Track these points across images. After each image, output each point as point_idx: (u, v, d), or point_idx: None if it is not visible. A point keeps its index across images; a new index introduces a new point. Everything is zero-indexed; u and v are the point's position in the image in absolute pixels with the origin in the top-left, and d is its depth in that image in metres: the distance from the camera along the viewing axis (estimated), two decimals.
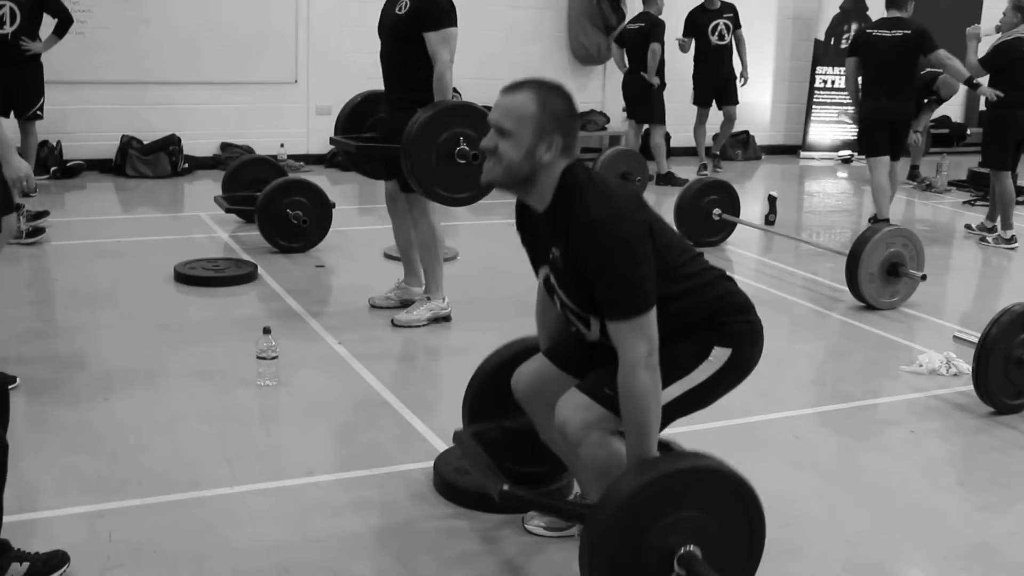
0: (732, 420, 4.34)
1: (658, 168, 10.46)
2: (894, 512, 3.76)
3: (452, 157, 4.97)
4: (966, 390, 4.87)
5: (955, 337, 5.35)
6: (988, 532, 3.66)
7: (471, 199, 5.18)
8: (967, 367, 4.94)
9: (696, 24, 10.76)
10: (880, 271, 6.23)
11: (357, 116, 6.05)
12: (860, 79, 8.22)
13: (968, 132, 13.72)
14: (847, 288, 6.32)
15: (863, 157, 8.66)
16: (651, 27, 10.13)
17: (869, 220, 8.67)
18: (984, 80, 8.23)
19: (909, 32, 7.88)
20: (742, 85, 10.94)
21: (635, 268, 2.70)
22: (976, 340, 4.72)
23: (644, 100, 10.28)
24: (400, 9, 5.25)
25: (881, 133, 8.12)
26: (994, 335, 4.60)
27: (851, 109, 9.09)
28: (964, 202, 10.20)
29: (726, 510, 2.78)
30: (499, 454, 3.31)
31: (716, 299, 2.96)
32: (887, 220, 8.11)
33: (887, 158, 8.18)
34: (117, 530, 3.38)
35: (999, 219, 8.46)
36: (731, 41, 10.83)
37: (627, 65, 10.41)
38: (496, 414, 3.49)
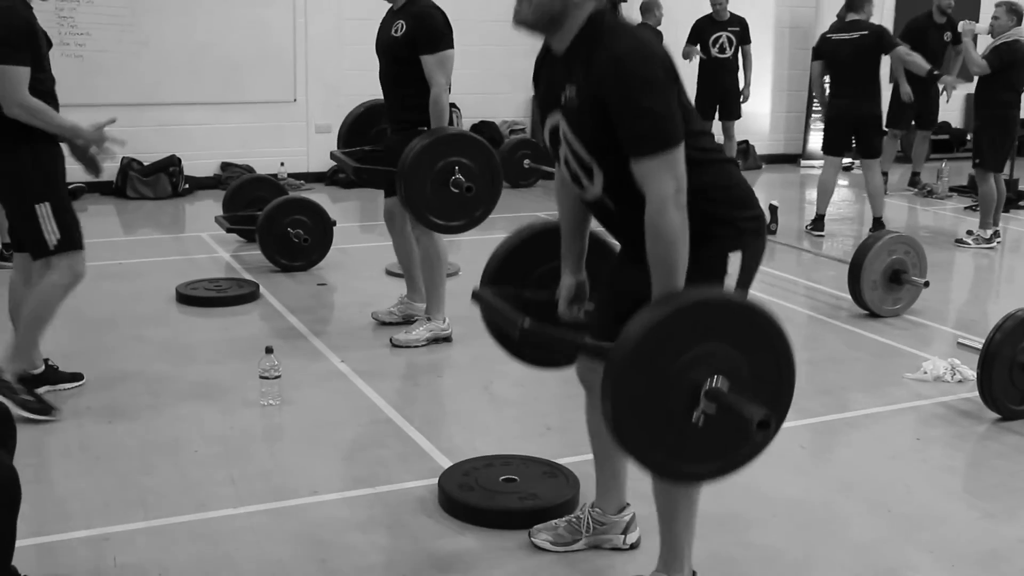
0: None
1: None
2: (901, 520, 3.75)
3: (447, 186, 5.00)
4: (971, 396, 4.86)
5: (959, 343, 5.35)
6: (996, 539, 3.65)
7: (465, 227, 5.21)
8: (972, 373, 4.93)
9: (700, 34, 10.75)
10: (882, 278, 6.22)
11: (360, 127, 6.07)
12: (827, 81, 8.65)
13: (968, 137, 13.71)
14: (850, 296, 6.32)
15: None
16: None
17: (807, 227, 8.85)
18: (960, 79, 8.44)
19: (866, 33, 8.29)
20: (742, 102, 10.96)
21: (664, 102, 2.63)
22: (980, 346, 4.71)
23: None
24: (396, 31, 5.24)
25: (842, 134, 8.59)
26: (998, 341, 4.59)
27: (821, 111, 9.43)
28: (966, 208, 10.18)
29: (752, 346, 2.63)
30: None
31: (729, 185, 2.91)
32: (822, 216, 8.78)
33: (839, 160, 8.73)
34: (122, 553, 3.37)
35: (989, 218, 8.55)
36: (734, 55, 10.82)
37: None
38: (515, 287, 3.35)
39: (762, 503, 3.83)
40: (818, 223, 8.83)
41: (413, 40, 5.16)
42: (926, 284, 6.24)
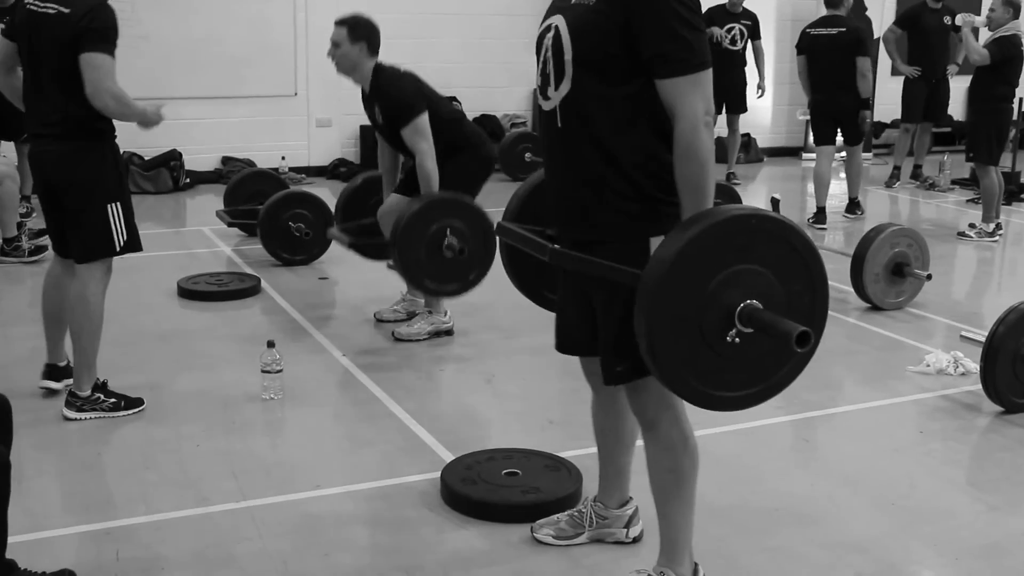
0: (741, 424, 4.32)
1: None
2: (904, 513, 3.74)
3: (440, 250, 5.06)
4: (974, 389, 4.85)
5: (962, 336, 5.33)
6: (999, 532, 3.64)
7: (460, 291, 5.25)
8: (975, 366, 4.92)
9: (712, 24, 10.70)
10: (885, 271, 6.21)
11: (357, 200, 6.13)
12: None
13: None
14: (852, 289, 6.31)
15: (868, 156, 8.93)
16: None
17: (809, 220, 8.89)
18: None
19: (844, 30, 8.65)
20: (759, 96, 10.96)
21: (699, 21, 2.63)
22: (983, 339, 4.70)
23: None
24: (379, 118, 5.40)
25: (826, 124, 8.93)
26: (1001, 333, 4.58)
27: (804, 111, 9.79)
28: (967, 200, 10.17)
29: (785, 264, 2.55)
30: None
31: (664, 159, 2.75)
32: (823, 209, 8.89)
33: (831, 148, 8.99)
34: (125, 548, 3.37)
35: (991, 212, 8.58)
36: (743, 49, 10.81)
37: None
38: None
39: (765, 497, 3.82)
40: (820, 216, 8.89)
41: (390, 120, 5.30)
42: (928, 277, 6.22)
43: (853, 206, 9.22)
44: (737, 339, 2.51)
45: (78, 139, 4.23)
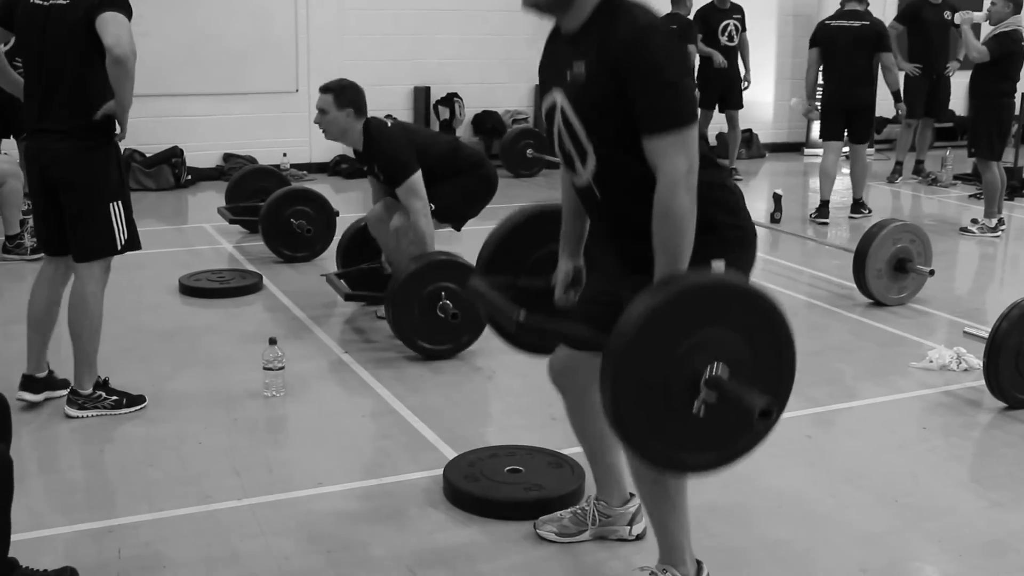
0: None
1: None
2: (907, 510, 3.73)
3: (434, 310, 5.09)
4: (977, 385, 4.85)
5: (965, 332, 5.32)
6: (1003, 529, 3.63)
7: (452, 352, 5.23)
8: (978, 362, 4.91)
9: (707, 23, 10.67)
10: (887, 267, 6.20)
11: (357, 244, 6.12)
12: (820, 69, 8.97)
13: None
14: (855, 285, 6.30)
15: (870, 151, 8.96)
16: (684, 29, 10.10)
17: (811, 216, 8.97)
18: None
19: (868, 24, 8.65)
20: (745, 89, 10.92)
21: (680, 77, 2.59)
22: (986, 334, 4.69)
23: None
24: (380, 176, 5.48)
25: (837, 119, 8.83)
26: (1004, 329, 4.57)
27: (798, 100, 9.89)
28: (970, 196, 10.16)
29: (752, 330, 2.57)
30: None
31: (715, 186, 2.81)
32: (826, 203, 8.93)
33: (839, 143, 8.96)
34: (127, 546, 3.36)
35: (994, 207, 8.60)
36: (739, 43, 10.79)
37: None
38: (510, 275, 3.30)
39: (768, 493, 3.82)
40: (823, 210, 8.92)
41: (390, 179, 5.36)
42: (931, 273, 6.21)
43: (858, 206, 9.15)
44: (703, 406, 2.51)
45: (83, 138, 4.20)
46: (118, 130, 4.31)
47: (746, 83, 10.90)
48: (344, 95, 5.34)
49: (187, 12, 10.04)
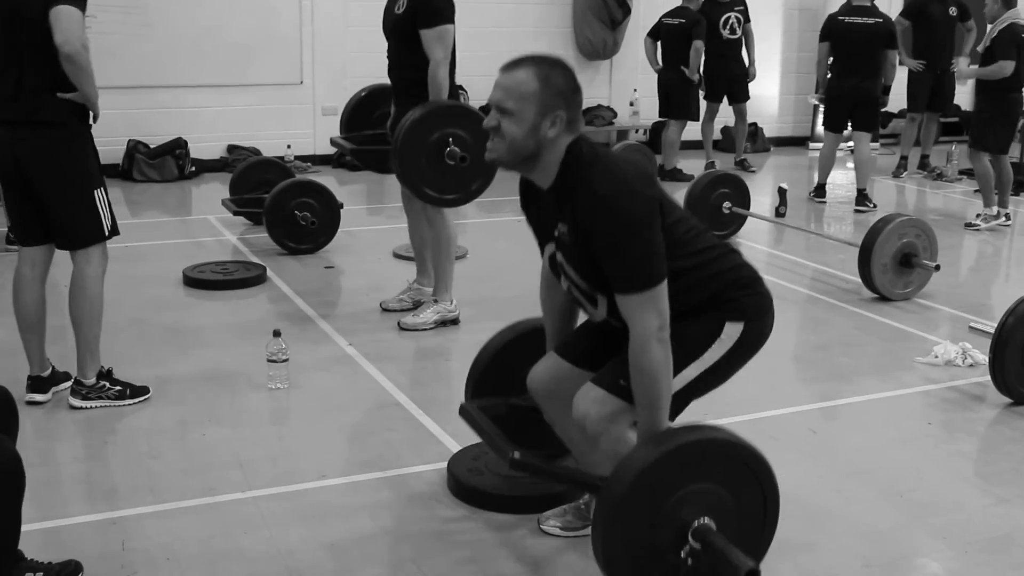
0: (748, 415, 4.31)
1: (665, 163, 10.38)
2: (912, 505, 3.72)
3: (442, 158, 4.98)
4: (983, 381, 4.83)
5: (971, 327, 5.30)
6: (1009, 524, 3.62)
7: (460, 200, 5.19)
8: (983, 358, 4.90)
9: (708, 17, 10.63)
10: (893, 262, 6.19)
11: (362, 111, 6.03)
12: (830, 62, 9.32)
13: None
14: (860, 280, 6.28)
15: (875, 146, 9.09)
16: (692, 24, 10.09)
17: (809, 195, 9.47)
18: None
19: (881, 21, 8.97)
20: (750, 81, 10.89)
21: (645, 242, 2.67)
22: (992, 330, 4.68)
23: (683, 96, 10.21)
24: (399, 8, 5.24)
25: (842, 111, 9.16)
26: (1010, 325, 4.56)
27: (817, 93, 10.10)
28: (975, 191, 10.12)
29: (739, 483, 2.74)
30: (505, 431, 3.23)
31: (724, 272, 2.94)
32: (823, 186, 9.45)
33: (839, 136, 9.36)
34: (130, 538, 3.36)
35: (991, 196, 8.67)
36: (741, 35, 10.75)
37: (659, 62, 10.35)
38: (499, 394, 3.47)
39: None
40: (819, 191, 9.47)
41: (414, 15, 5.14)
42: (937, 268, 6.20)
43: (862, 198, 9.20)
44: (690, 557, 2.69)
45: (58, 126, 4.12)
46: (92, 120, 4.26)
47: (751, 75, 10.87)
48: None
49: (192, 4, 10.02)
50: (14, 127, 4.14)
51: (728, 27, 10.65)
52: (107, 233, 4.34)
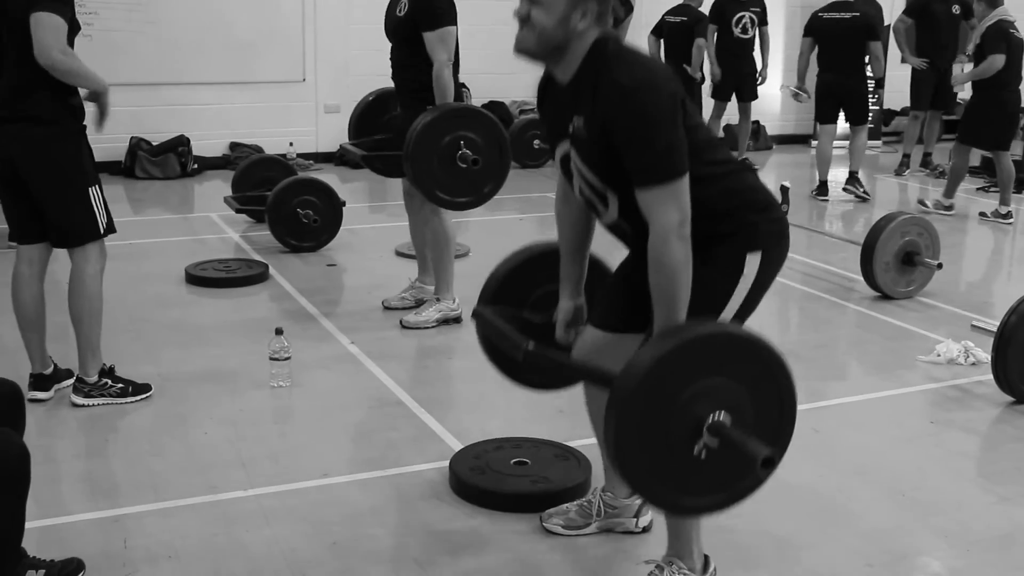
0: None
1: None
2: (915, 504, 3.72)
3: (453, 161, 4.97)
4: (985, 379, 4.83)
5: (973, 326, 5.30)
6: (1011, 524, 3.62)
7: (473, 203, 5.20)
8: (986, 356, 4.90)
9: (722, 14, 10.62)
10: (895, 260, 6.18)
11: (369, 116, 6.02)
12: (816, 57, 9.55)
13: None
14: (862, 278, 6.28)
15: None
16: (695, 22, 10.11)
17: (812, 193, 9.58)
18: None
19: (858, 15, 9.15)
20: (760, 84, 10.91)
21: (667, 133, 2.62)
22: (995, 328, 4.67)
23: (687, 94, 10.22)
24: (400, 11, 5.23)
25: (830, 104, 9.42)
26: (1013, 323, 4.55)
27: (793, 86, 10.16)
28: (978, 188, 10.13)
29: (755, 379, 2.63)
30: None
31: (743, 190, 2.89)
32: (824, 183, 9.56)
33: (833, 127, 9.61)
34: (132, 536, 3.36)
35: (954, 188, 9.01)
36: (754, 36, 10.75)
37: (663, 60, 10.35)
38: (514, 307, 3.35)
39: (775, 487, 3.77)
40: (822, 188, 9.57)
41: (415, 18, 5.14)
42: (939, 266, 6.19)
43: (853, 179, 9.53)
44: (704, 451, 2.57)
45: (50, 123, 4.09)
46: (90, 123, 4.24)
47: (761, 78, 10.89)
48: None
49: (195, 1, 10.03)
50: (6, 125, 4.13)
51: (740, 26, 10.63)
52: (102, 231, 4.32)
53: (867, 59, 9.28)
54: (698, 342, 2.60)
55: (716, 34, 10.61)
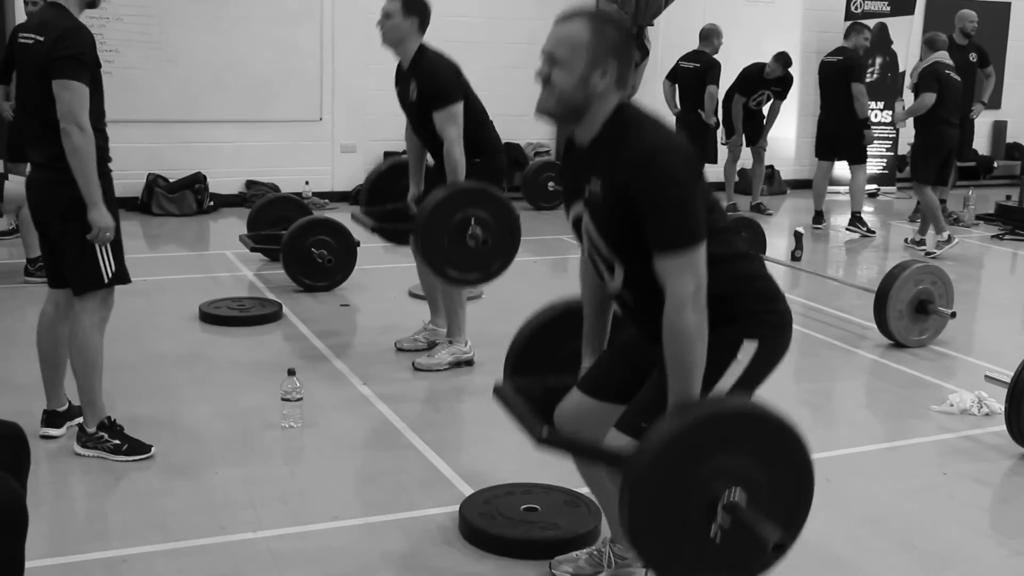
0: None
1: None
2: (927, 557, 3.70)
3: (463, 238, 5.01)
4: (998, 431, 4.80)
5: (987, 376, 5.28)
6: None
7: (481, 280, 5.26)
8: (999, 407, 4.87)
9: (745, 83, 10.94)
10: (909, 308, 6.17)
11: (382, 185, 6.10)
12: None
13: (995, 165, 13.67)
14: (875, 326, 6.26)
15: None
16: (707, 68, 10.18)
17: (812, 223, 10.13)
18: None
19: (842, 58, 9.91)
20: (763, 143, 11.24)
21: (689, 196, 2.62)
22: (1008, 379, 4.65)
23: (700, 139, 10.27)
24: (412, 95, 5.32)
25: (825, 141, 10.14)
26: None
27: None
28: (993, 236, 10.13)
29: (772, 457, 2.63)
30: (542, 412, 3.11)
31: (752, 277, 2.88)
32: (820, 212, 10.28)
33: (828, 164, 10.26)
34: None
35: (929, 231, 9.27)
36: (766, 104, 11.09)
37: (678, 105, 10.42)
38: (538, 374, 3.32)
39: None
40: (818, 217, 10.30)
41: (424, 101, 5.24)
42: (953, 315, 6.18)
43: (855, 220, 10.06)
44: (719, 531, 2.58)
45: (62, 170, 4.01)
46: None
47: (762, 142, 11.20)
48: (413, 4, 5.24)
49: (214, 39, 10.12)
50: (34, 169, 4.22)
51: (756, 101, 10.99)
52: (107, 281, 4.23)
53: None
54: (713, 420, 2.61)
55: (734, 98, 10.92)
